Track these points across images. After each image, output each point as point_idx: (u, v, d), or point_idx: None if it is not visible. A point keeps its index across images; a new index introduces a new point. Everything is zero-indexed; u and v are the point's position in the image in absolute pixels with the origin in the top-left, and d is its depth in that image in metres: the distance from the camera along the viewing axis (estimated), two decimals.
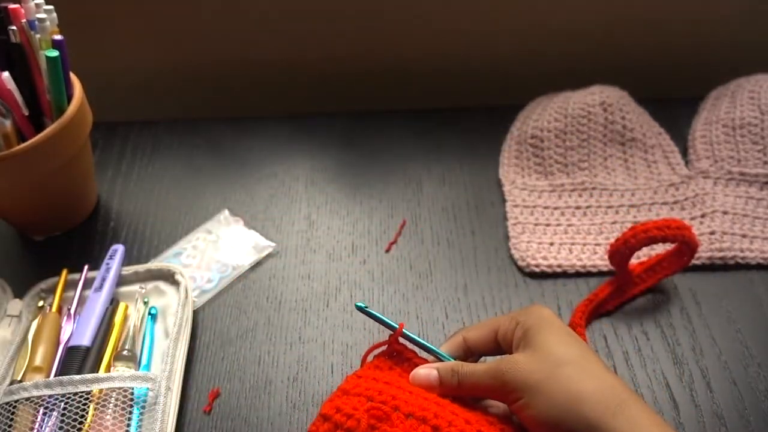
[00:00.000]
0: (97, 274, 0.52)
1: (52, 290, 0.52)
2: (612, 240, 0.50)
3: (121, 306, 0.50)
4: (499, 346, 0.40)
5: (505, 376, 0.35)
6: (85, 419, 0.42)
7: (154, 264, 0.54)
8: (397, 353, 0.41)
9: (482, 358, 0.42)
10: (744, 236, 0.55)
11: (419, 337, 0.41)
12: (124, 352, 0.46)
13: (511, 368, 0.35)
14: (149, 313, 0.50)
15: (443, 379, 0.38)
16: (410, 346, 0.42)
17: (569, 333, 0.37)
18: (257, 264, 0.56)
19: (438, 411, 0.36)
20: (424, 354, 0.42)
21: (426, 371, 0.39)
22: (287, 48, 0.73)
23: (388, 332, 0.41)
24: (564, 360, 0.35)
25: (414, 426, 0.34)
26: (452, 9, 0.69)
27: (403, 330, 0.41)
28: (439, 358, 0.41)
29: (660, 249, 0.53)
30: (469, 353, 0.41)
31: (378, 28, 0.71)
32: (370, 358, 0.42)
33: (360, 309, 0.41)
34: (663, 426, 0.33)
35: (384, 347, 0.42)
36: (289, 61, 0.74)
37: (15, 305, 0.51)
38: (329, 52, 0.74)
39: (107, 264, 0.52)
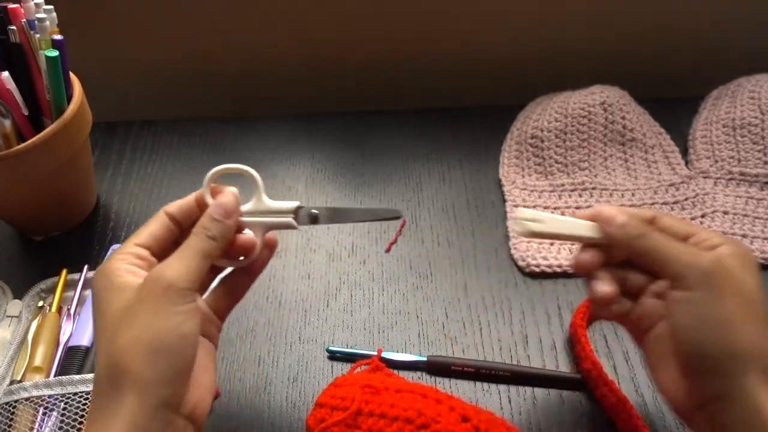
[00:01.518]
0: None
1: (51, 290, 0.52)
2: None
3: None
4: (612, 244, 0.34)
5: (715, 264, 0.31)
6: (85, 419, 0.42)
7: None
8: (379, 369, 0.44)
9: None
10: (744, 236, 0.55)
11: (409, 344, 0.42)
12: None
13: (727, 265, 0.31)
14: None
15: (627, 222, 0.33)
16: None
17: None
18: None
19: (425, 389, 0.38)
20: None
21: (615, 211, 0.34)
22: (287, 48, 0.73)
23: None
24: (759, 304, 0.31)
25: (404, 396, 0.37)
26: (452, 9, 0.69)
27: (382, 354, 0.43)
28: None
29: None
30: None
31: (378, 28, 0.71)
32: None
33: (331, 352, 0.44)
34: None
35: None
36: (290, 61, 0.74)
37: (15, 305, 0.51)
38: (329, 52, 0.74)
39: None
